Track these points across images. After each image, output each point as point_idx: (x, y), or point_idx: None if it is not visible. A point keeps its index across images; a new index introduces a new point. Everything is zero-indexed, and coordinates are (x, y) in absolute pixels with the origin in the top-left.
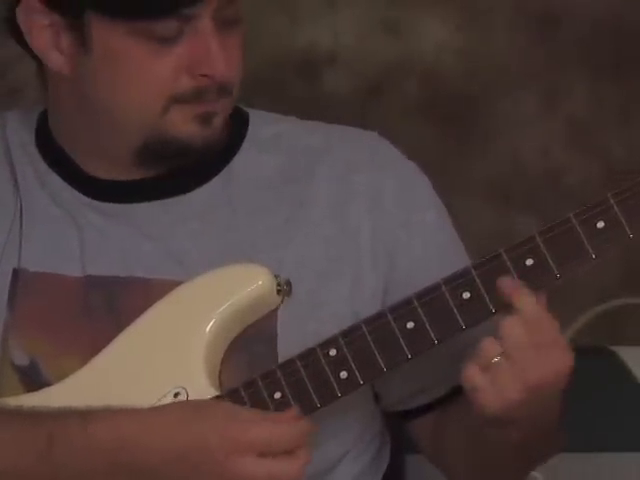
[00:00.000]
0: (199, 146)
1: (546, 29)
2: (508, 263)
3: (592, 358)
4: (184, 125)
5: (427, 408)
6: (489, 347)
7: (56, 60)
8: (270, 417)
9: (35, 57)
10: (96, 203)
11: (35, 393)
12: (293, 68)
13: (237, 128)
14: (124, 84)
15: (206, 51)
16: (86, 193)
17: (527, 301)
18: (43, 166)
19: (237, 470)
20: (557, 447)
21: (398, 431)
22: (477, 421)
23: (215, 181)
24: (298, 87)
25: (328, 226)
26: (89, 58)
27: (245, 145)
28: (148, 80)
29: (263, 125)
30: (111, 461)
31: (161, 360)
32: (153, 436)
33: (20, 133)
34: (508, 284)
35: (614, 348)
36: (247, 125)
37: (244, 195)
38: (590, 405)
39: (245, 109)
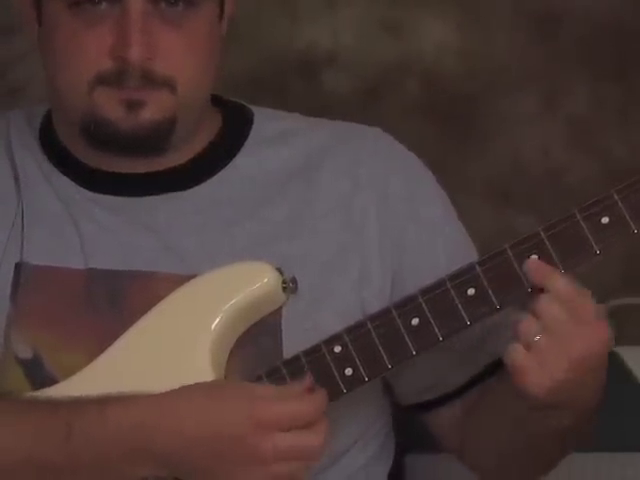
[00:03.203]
0: (127, 132)
1: (546, 29)
2: (513, 259)
3: None
4: (110, 108)
5: (444, 400)
6: (529, 325)
7: (33, 35)
8: (288, 392)
9: None
10: (100, 197)
11: (41, 391)
12: (293, 68)
13: (241, 126)
14: (58, 58)
15: (124, 32)
16: (89, 187)
17: (558, 281)
18: (46, 163)
19: (266, 448)
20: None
21: (398, 431)
22: (514, 408)
23: (218, 177)
24: (298, 87)
25: (334, 220)
26: (41, 32)
27: (249, 142)
28: (75, 56)
29: (267, 122)
30: (130, 447)
31: (167, 357)
32: (173, 420)
33: (23, 132)
34: (533, 267)
35: (614, 348)
36: (251, 123)
37: (247, 191)
38: None
39: (250, 107)
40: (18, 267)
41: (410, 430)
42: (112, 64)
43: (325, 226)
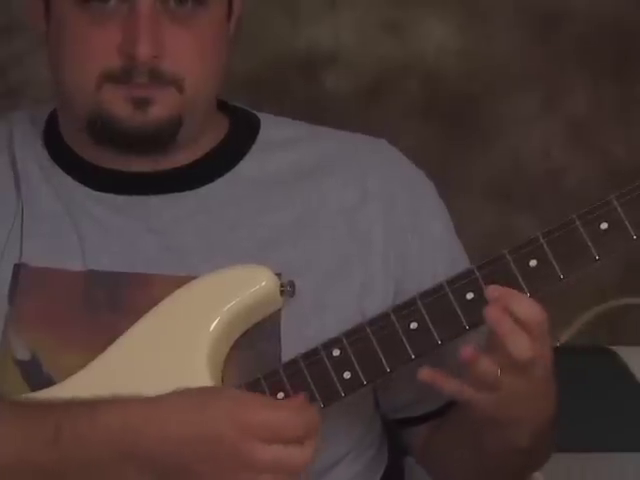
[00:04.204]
0: (134, 130)
1: (546, 29)
2: (512, 264)
3: (592, 358)
4: (117, 105)
5: (425, 418)
6: (487, 362)
7: (40, 33)
8: (278, 403)
9: None
10: (102, 195)
11: (37, 393)
12: (294, 68)
13: (247, 130)
14: (66, 55)
15: (133, 30)
16: (92, 186)
17: (522, 304)
18: (48, 162)
19: (246, 453)
20: (551, 450)
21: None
22: (477, 426)
23: (223, 180)
24: (299, 87)
25: (338, 229)
26: (49, 29)
27: (255, 147)
28: (84, 53)
29: (274, 128)
30: (119, 450)
31: (165, 360)
32: (162, 424)
33: (27, 132)
34: (495, 294)
35: (614, 348)
36: (258, 128)
37: (252, 194)
38: (590, 405)
39: (256, 113)
40: (17, 268)
41: None
42: (120, 62)
43: (329, 234)
